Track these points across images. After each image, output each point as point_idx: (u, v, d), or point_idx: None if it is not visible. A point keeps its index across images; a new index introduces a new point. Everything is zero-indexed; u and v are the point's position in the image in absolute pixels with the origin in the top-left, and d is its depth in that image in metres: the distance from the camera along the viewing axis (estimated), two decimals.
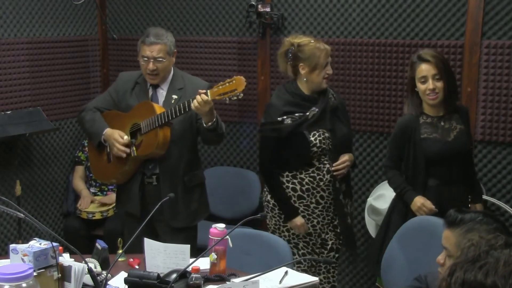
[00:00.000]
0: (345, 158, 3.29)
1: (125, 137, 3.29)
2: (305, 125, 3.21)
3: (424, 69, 3.02)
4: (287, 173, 3.27)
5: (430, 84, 3.00)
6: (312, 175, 3.24)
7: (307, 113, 3.21)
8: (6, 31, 4.08)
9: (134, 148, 3.27)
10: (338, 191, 3.28)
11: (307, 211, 3.28)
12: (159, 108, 3.23)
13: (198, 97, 3.02)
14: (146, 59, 3.28)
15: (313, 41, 3.24)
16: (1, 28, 4.05)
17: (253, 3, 4.06)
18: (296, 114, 3.21)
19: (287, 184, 3.27)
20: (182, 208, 3.36)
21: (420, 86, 3.04)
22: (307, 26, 4.07)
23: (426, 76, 3.01)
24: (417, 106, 3.11)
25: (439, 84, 3.01)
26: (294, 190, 3.26)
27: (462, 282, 1.49)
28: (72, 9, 4.49)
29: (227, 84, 2.99)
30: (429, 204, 3.06)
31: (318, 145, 3.20)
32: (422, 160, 3.08)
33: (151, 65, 3.26)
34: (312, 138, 3.20)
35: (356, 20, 3.92)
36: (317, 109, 3.22)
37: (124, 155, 3.28)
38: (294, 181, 3.25)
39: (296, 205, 3.27)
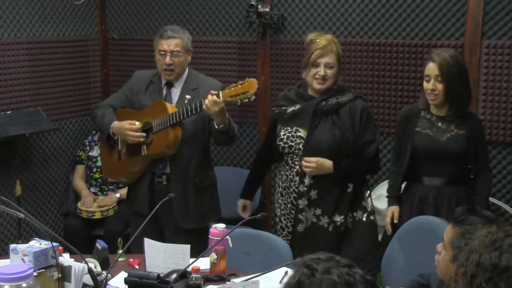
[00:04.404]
0: (311, 159, 3.06)
1: (137, 123, 3.25)
2: (281, 120, 3.21)
3: (429, 68, 3.02)
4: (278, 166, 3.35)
5: (430, 84, 3.01)
6: (286, 173, 3.20)
7: (287, 109, 3.19)
8: (6, 31, 4.08)
9: (144, 147, 3.26)
10: (300, 194, 3.14)
11: (285, 209, 3.24)
12: (171, 107, 3.22)
13: (209, 96, 3.02)
14: (163, 53, 3.28)
15: (319, 39, 3.11)
16: (1, 28, 4.05)
17: (253, 3, 4.06)
18: (283, 108, 3.22)
19: (277, 178, 3.33)
20: (192, 209, 3.35)
21: (424, 84, 3.06)
22: (307, 26, 4.07)
23: (429, 76, 3.02)
24: (426, 101, 3.11)
25: (440, 86, 2.99)
26: (278, 185, 3.29)
27: (477, 263, 1.57)
28: (72, 9, 4.49)
29: (239, 86, 2.98)
30: (390, 221, 3.21)
31: (284, 140, 3.15)
32: (408, 152, 3.11)
33: (168, 59, 3.26)
34: (282, 133, 3.17)
35: (356, 20, 3.92)
36: (298, 106, 3.16)
37: (141, 139, 3.23)
38: (279, 176, 3.29)
39: (280, 201, 3.28)
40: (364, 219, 3.18)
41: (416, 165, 3.12)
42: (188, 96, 3.29)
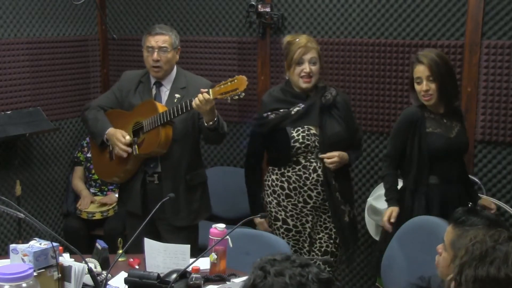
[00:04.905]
0: (333, 154, 3.18)
1: (127, 137, 3.29)
2: (288, 121, 3.22)
3: (419, 70, 3.06)
4: (276, 170, 3.31)
5: (423, 85, 3.04)
6: (298, 173, 3.23)
7: (291, 109, 3.22)
8: (6, 31, 4.08)
9: (136, 146, 3.27)
10: (331, 187, 3.21)
11: (295, 210, 3.27)
12: (161, 107, 3.24)
13: (199, 95, 3.04)
14: (150, 49, 3.30)
15: (299, 39, 3.22)
16: (1, 28, 4.05)
17: (253, 3, 4.06)
18: (281, 110, 3.24)
19: (276, 182, 3.29)
20: (183, 207, 3.36)
21: (416, 87, 3.09)
22: (307, 26, 4.07)
23: (421, 78, 3.06)
24: (419, 104, 3.14)
25: (433, 85, 3.03)
26: (282, 188, 3.27)
27: (474, 279, 1.53)
28: (72, 9, 4.49)
29: (229, 83, 3.01)
30: (387, 219, 3.14)
31: (300, 140, 3.19)
32: (426, 155, 3.10)
33: (155, 55, 3.28)
34: (295, 134, 3.20)
35: (356, 20, 3.92)
36: (302, 106, 3.21)
37: (125, 155, 3.28)
38: (282, 179, 3.27)
39: (285, 203, 3.27)
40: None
41: (424, 165, 3.12)
42: (177, 95, 3.31)
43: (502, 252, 1.55)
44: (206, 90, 3.05)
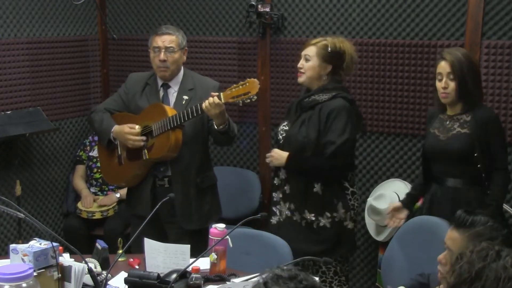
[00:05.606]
0: (273, 150, 3.21)
1: (136, 127, 3.25)
2: (285, 114, 3.40)
3: (441, 66, 3.01)
4: None
5: (443, 82, 3.00)
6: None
7: (290, 104, 3.38)
8: (6, 31, 4.08)
9: (145, 151, 3.24)
10: (275, 187, 3.24)
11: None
12: (170, 110, 3.21)
13: (210, 99, 3.02)
14: (157, 49, 3.28)
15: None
16: (1, 28, 4.05)
17: (253, 3, 4.06)
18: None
19: None
20: (194, 210, 3.34)
21: (437, 83, 3.05)
22: (307, 26, 4.07)
23: (441, 74, 3.01)
24: (440, 105, 3.11)
25: (452, 84, 2.97)
26: None
27: None
28: (72, 9, 4.49)
29: (240, 87, 2.99)
30: (387, 213, 3.30)
31: (277, 133, 3.32)
32: (422, 153, 3.19)
33: (162, 55, 3.25)
34: (279, 127, 3.32)
35: (356, 20, 3.92)
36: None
37: (142, 143, 3.24)
38: None
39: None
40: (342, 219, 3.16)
41: (430, 165, 3.14)
42: (185, 97, 3.29)
43: (492, 273, 1.52)
44: (217, 94, 3.03)
